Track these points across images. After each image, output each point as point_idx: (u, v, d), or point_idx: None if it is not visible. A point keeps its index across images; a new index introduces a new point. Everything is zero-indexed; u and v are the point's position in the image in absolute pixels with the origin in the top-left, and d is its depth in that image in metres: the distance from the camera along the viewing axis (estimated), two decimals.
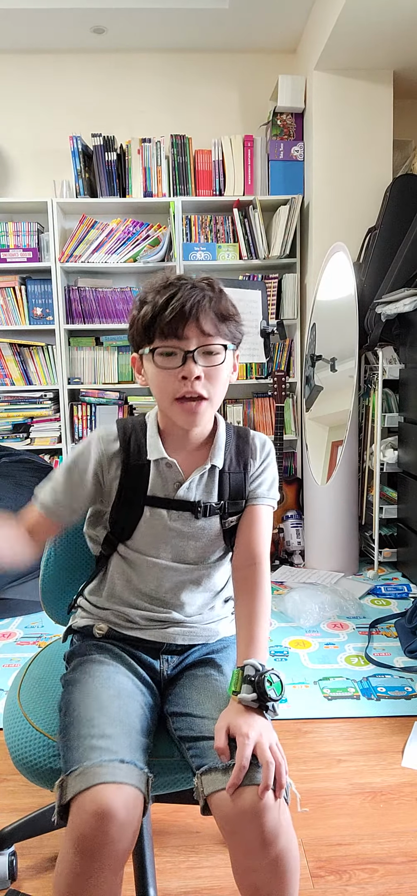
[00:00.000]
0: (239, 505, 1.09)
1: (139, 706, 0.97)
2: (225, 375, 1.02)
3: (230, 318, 1.01)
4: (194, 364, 0.97)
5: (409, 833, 1.39)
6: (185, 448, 1.07)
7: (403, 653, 2.19)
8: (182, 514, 1.06)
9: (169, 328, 0.96)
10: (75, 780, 0.83)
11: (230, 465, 1.09)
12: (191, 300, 0.96)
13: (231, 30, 3.24)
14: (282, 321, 3.31)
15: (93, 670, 0.99)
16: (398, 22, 2.75)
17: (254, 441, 1.13)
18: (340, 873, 1.28)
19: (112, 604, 1.09)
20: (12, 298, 3.30)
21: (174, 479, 1.06)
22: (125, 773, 0.83)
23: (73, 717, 0.92)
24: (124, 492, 1.06)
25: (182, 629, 1.08)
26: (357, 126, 3.21)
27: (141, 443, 1.07)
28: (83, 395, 3.42)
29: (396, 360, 2.98)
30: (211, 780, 0.86)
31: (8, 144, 3.44)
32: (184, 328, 0.96)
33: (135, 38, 3.29)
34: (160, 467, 1.06)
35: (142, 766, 0.87)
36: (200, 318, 0.97)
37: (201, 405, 0.99)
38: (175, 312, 0.95)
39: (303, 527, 3.23)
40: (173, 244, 3.28)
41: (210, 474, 1.08)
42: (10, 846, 1.28)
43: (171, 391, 0.98)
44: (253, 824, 0.81)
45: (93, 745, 0.85)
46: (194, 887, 1.26)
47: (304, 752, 1.67)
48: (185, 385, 0.97)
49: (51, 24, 3.13)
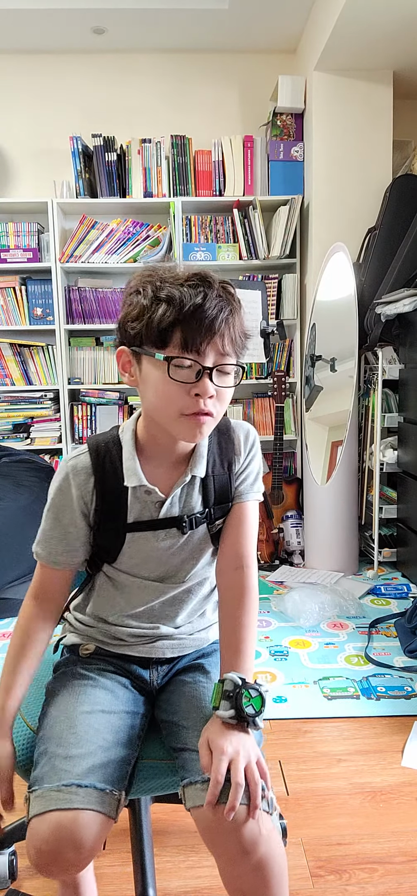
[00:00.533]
0: (225, 507, 1.04)
1: (116, 718, 0.95)
2: (231, 394, 0.95)
3: (246, 339, 0.95)
4: (210, 383, 0.89)
5: (409, 833, 1.39)
6: (166, 462, 1.00)
7: (403, 652, 2.19)
8: (168, 531, 1.00)
9: (191, 341, 0.86)
10: (35, 802, 0.85)
11: (214, 468, 1.02)
12: (220, 316, 0.88)
13: (231, 30, 3.24)
14: (282, 321, 3.31)
15: (72, 685, 0.99)
16: (398, 22, 2.75)
17: (237, 435, 1.06)
18: (340, 873, 1.28)
19: (98, 622, 1.06)
20: (12, 298, 3.30)
21: (155, 500, 0.99)
22: (81, 797, 0.83)
23: (46, 731, 0.93)
24: (102, 520, 0.99)
25: (171, 642, 1.06)
26: (357, 126, 3.21)
27: (116, 466, 0.98)
28: (83, 395, 3.43)
29: (396, 360, 2.98)
30: (192, 795, 0.86)
31: (8, 144, 3.45)
32: (207, 344, 0.88)
33: (135, 38, 3.30)
34: (138, 493, 0.98)
35: (106, 786, 0.86)
36: (224, 337, 0.89)
37: (207, 421, 0.91)
38: (202, 326, 0.86)
39: (303, 527, 3.23)
40: (173, 244, 3.28)
41: (191, 484, 1.01)
42: (10, 846, 1.28)
43: (180, 406, 0.89)
44: (232, 836, 0.81)
45: (54, 766, 0.86)
46: (194, 887, 1.26)
47: (304, 752, 1.67)
48: (198, 403, 0.89)
49: (51, 24, 3.13)
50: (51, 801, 0.83)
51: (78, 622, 1.09)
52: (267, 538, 3.18)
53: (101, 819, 0.84)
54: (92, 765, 0.87)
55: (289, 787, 1.54)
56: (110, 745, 0.91)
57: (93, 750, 0.89)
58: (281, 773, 1.59)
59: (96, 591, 1.07)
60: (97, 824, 0.84)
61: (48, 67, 3.42)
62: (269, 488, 3.26)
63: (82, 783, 0.85)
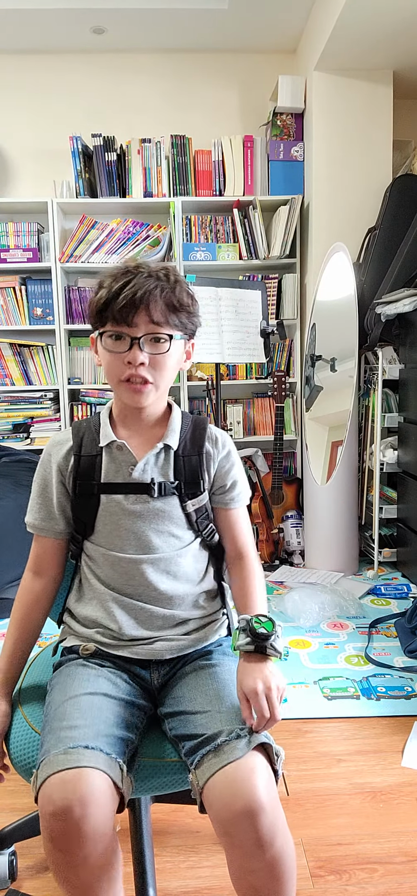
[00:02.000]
0: (196, 486, 1.11)
1: (117, 703, 0.97)
2: (171, 363, 1.05)
3: (182, 308, 1.04)
4: (139, 351, 1.01)
5: (409, 833, 1.39)
6: (138, 430, 1.11)
7: (403, 653, 2.19)
8: (139, 496, 1.07)
9: (120, 314, 1.00)
10: (42, 770, 0.85)
11: (184, 449, 1.11)
12: (142, 289, 0.99)
13: (231, 30, 3.24)
14: (282, 321, 3.31)
15: (74, 674, 1.01)
16: (398, 22, 2.75)
17: (213, 431, 1.15)
18: (340, 873, 1.28)
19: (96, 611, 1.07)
20: (12, 298, 3.30)
21: (128, 462, 1.08)
22: (89, 758, 0.84)
23: (49, 714, 0.95)
24: (79, 484, 1.08)
25: (169, 643, 1.06)
26: (357, 126, 3.21)
27: (93, 435, 1.11)
28: (83, 395, 3.43)
29: (396, 360, 2.98)
30: (205, 769, 0.87)
31: (8, 144, 3.45)
32: (134, 316, 1.00)
33: (135, 38, 3.30)
34: (112, 452, 1.09)
35: (110, 752, 0.87)
36: (150, 307, 1.00)
37: (145, 387, 1.03)
38: (126, 300, 0.99)
39: (303, 527, 3.23)
40: (173, 244, 3.28)
41: (165, 456, 1.10)
42: (10, 846, 1.28)
43: (118, 373, 1.03)
44: (248, 826, 0.81)
45: (60, 736, 0.88)
46: (194, 887, 1.26)
47: (304, 752, 1.67)
48: (130, 369, 1.02)
49: (51, 24, 3.13)
50: (58, 763, 0.84)
51: (76, 622, 1.10)
52: (267, 538, 3.18)
53: (108, 782, 0.84)
54: (96, 733, 0.89)
55: (289, 788, 1.54)
56: (112, 725, 0.93)
57: (97, 724, 0.91)
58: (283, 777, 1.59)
59: (83, 577, 1.11)
60: (104, 786, 0.83)
61: (48, 67, 3.42)
62: (269, 488, 3.26)
63: (89, 745, 0.86)
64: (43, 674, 1.17)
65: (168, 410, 1.15)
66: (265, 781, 0.84)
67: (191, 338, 1.11)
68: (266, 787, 0.84)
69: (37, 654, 1.25)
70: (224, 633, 1.15)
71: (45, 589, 1.11)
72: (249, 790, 0.82)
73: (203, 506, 1.12)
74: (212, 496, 1.15)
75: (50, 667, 1.18)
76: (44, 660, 1.22)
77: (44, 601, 1.12)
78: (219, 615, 1.15)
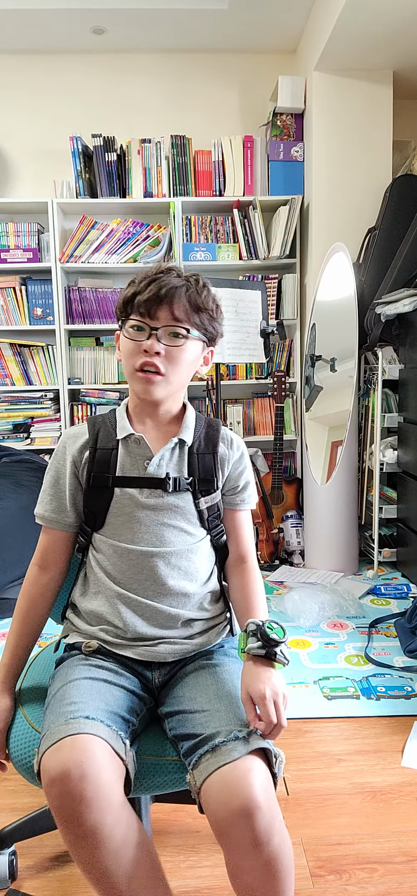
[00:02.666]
0: (209, 483, 1.12)
1: (118, 689, 0.98)
2: (185, 358, 1.07)
3: (204, 310, 1.08)
4: (156, 341, 1.04)
5: (409, 832, 1.39)
6: (154, 425, 1.12)
7: (403, 652, 2.19)
8: (153, 490, 1.08)
9: (145, 307, 1.04)
10: (42, 744, 0.86)
11: (199, 447, 1.13)
12: (169, 286, 1.04)
13: (231, 30, 3.24)
14: (282, 321, 3.31)
15: (76, 664, 1.02)
16: (398, 22, 2.75)
17: (226, 434, 1.18)
18: (340, 873, 1.28)
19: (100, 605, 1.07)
20: (12, 298, 3.30)
21: (143, 456, 1.09)
22: (90, 726, 0.85)
23: (50, 700, 0.96)
24: (93, 477, 1.09)
25: (173, 647, 1.06)
26: (357, 126, 3.21)
27: (109, 430, 1.12)
28: (83, 395, 3.43)
29: (396, 360, 2.99)
30: (202, 769, 0.87)
31: (8, 145, 3.45)
32: (157, 309, 1.04)
33: (135, 38, 3.30)
34: (129, 445, 1.10)
35: (111, 724, 0.88)
36: (174, 304, 1.05)
37: (156, 377, 1.05)
38: (151, 294, 1.04)
39: (303, 527, 3.23)
40: (173, 244, 3.28)
41: (180, 452, 1.11)
42: (10, 846, 1.28)
43: (134, 361, 1.06)
44: (244, 825, 0.81)
45: (61, 712, 0.89)
46: (194, 887, 1.26)
47: (304, 752, 1.67)
48: (144, 357, 1.04)
49: (51, 24, 3.13)
50: (58, 733, 0.85)
51: (80, 619, 1.10)
52: (267, 538, 3.18)
53: (108, 749, 0.84)
54: (96, 707, 0.90)
55: (289, 787, 1.54)
56: (112, 705, 0.94)
57: (97, 702, 0.92)
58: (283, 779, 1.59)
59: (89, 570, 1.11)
60: (104, 752, 0.83)
61: (48, 67, 3.42)
62: (269, 488, 3.26)
63: (89, 715, 0.87)
64: (43, 673, 1.17)
65: (183, 410, 1.17)
66: (262, 781, 0.84)
67: (211, 344, 1.13)
68: (262, 786, 0.84)
69: (37, 654, 1.26)
70: (226, 635, 1.15)
71: (50, 582, 1.12)
72: (246, 790, 0.82)
73: (215, 504, 1.14)
74: (223, 496, 1.16)
75: (50, 666, 1.18)
76: (44, 659, 1.22)
77: (49, 595, 1.13)
78: (222, 618, 1.15)
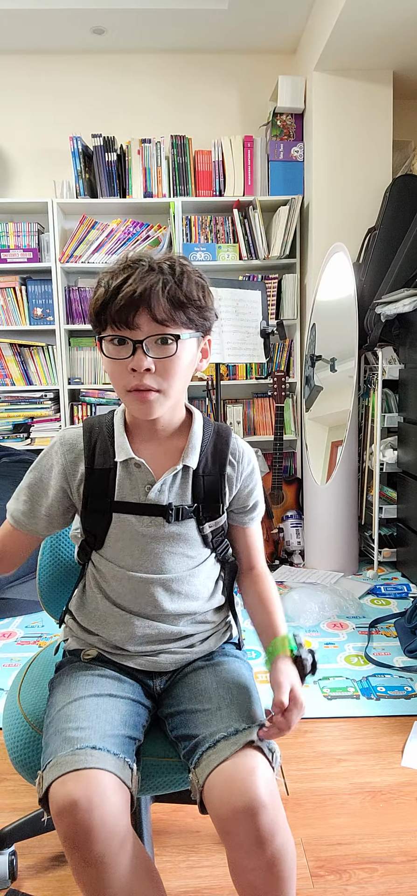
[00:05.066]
0: (214, 509, 1.04)
1: (123, 703, 0.97)
2: (181, 366, 0.93)
3: (190, 303, 0.92)
4: (144, 356, 0.89)
5: (409, 832, 1.39)
6: (155, 442, 1.02)
7: (403, 652, 2.19)
8: (154, 518, 1.00)
9: (119, 316, 0.89)
10: (49, 772, 0.84)
11: (205, 468, 1.02)
12: (143, 284, 0.88)
13: (230, 30, 3.24)
14: (282, 321, 3.31)
15: (78, 675, 0.99)
16: (398, 22, 2.75)
17: (236, 447, 1.06)
18: (340, 873, 1.28)
19: (97, 625, 1.04)
20: (12, 299, 3.30)
21: (144, 481, 1.00)
22: (96, 759, 0.83)
23: (53, 716, 0.93)
24: (90, 499, 1.00)
25: (174, 657, 1.04)
26: (356, 126, 3.21)
27: (107, 445, 1.01)
28: (83, 395, 3.43)
29: (396, 360, 2.98)
30: (204, 766, 0.87)
31: (8, 144, 3.45)
32: (135, 316, 0.89)
33: (135, 38, 3.30)
34: (129, 469, 1.00)
35: (118, 752, 0.87)
36: (152, 305, 0.89)
37: (151, 395, 0.92)
38: (125, 300, 0.88)
39: (303, 527, 3.23)
40: (173, 245, 3.28)
41: (183, 476, 1.02)
42: (10, 846, 1.28)
43: (122, 382, 0.93)
44: (248, 824, 0.81)
45: (67, 738, 0.87)
46: (194, 887, 1.26)
47: (304, 752, 1.67)
48: (135, 378, 0.91)
49: (51, 24, 3.13)
50: (65, 765, 0.83)
51: (78, 626, 1.08)
52: (267, 538, 3.18)
53: (116, 781, 0.84)
54: (103, 734, 0.88)
55: (289, 787, 1.54)
56: (118, 725, 0.92)
57: (103, 726, 0.89)
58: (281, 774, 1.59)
59: (88, 584, 1.07)
60: (113, 785, 0.83)
61: (48, 67, 3.42)
62: (269, 488, 3.26)
63: (96, 745, 0.85)
64: (43, 673, 1.17)
65: (188, 418, 1.05)
66: (266, 780, 0.84)
67: (207, 334, 0.99)
68: (266, 784, 0.84)
69: (37, 654, 1.25)
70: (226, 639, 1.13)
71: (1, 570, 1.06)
72: (250, 788, 0.82)
73: (220, 526, 1.07)
74: (231, 513, 1.09)
75: (49, 666, 1.18)
76: (44, 659, 1.22)
77: None
78: (224, 624, 1.12)
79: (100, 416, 1.06)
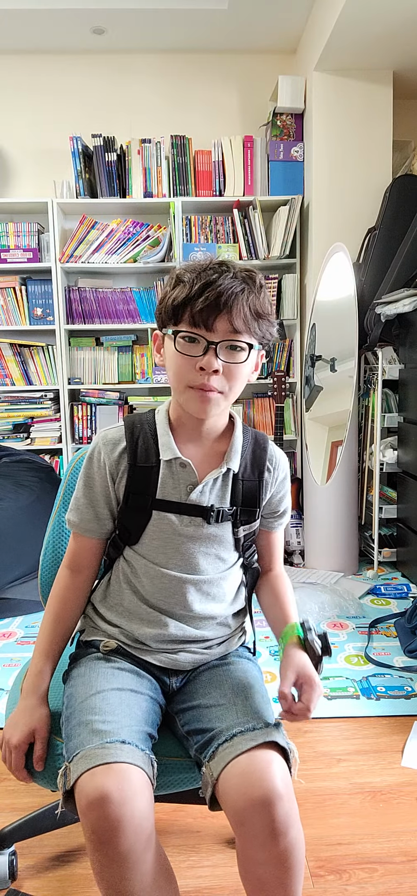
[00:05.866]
0: (251, 514, 1.06)
1: (143, 699, 0.97)
2: (245, 373, 0.97)
3: (264, 316, 0.96)
4: (215, 358, 0.92)
5: (409, 832, 1.39)
6: (198, 443, 1.04)
7: (403, 652, 2.19)
8: (193, 519, 1.01)
9: (200, 316, 0.92)
10: (77, 764, 0.83)
11: (244, 472, 1.05)
12: (228, 292, 0.91)
13: (230, 30, 3.24)
14: (282, 321, 3.31)
15: (99, 667, 0.99)
16: (398, 22, 2.75)
17: (273, 454, 1.10)
18: (340, 873, 1.28)
19: (120, 618, 1.05)
20: (12, 299, 3.30)
21: (187, 481, 1.01)
22: (127, 753, 0.83)
23: (75, 707, 0.93)
24: (131, 496, 1.02)
25: (193, 656, 1.05)
26: (356, 126, 3.21)
27: (149, 443, 1.02)
28: (83, 395, 3.43)
29: (396, 360, 2.99)
30: (220, 759, 0.87)
31: (8, 144, 3.45)
32: (215, 320, 0.92)
33: (135, 38, 3.30)
34: (173, 468, 1.02)
35: (145, 748, 0.87)
36: (233, 313, 0.92)
37: (214, 394, 0.95)
38: (208, 301, 0.91)
39: (303, 527, 3.23)
40: (173, 245, 3.28)
41: (224, 479, 1.04)
42: (10, 846, 1.28)
43: (187, 379, 0.95)
44: (264, 815, 0.81)
45: (94, 730, 0.86)
46: (194, 887, 1.26)
47: (304, 752, 1.67)
48: (202, 377, 0.93)
49: (51, 24, 3.13)
50: (96, 757, 0.82)
51: (100, 618, 1.08)
52: None
53: (146, 779, 0.84)
54: (130, 729, 0.88)
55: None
56: (141, 721, 0.92)
57: (129, 721, 0.90)
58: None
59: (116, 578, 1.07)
60: (143, 784, 0.83)
61: (48, 67, 3.42)
62: None
63: (126, 740, 0.85)
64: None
65: (230, 423, 1.07)
66: (282, 773, 0.85)
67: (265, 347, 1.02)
68: (283, 778, 0.85)
69: None
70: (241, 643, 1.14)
71: (83, 584, 1.07)
72: (267, 780, 0.83)
73: (252, 531, 1.09)
74: (261, 518, 1.10)
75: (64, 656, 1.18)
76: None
77: (81, 596, 1.07)
78: (240, 629, 1.14)
79: (140, 414, 1.08)
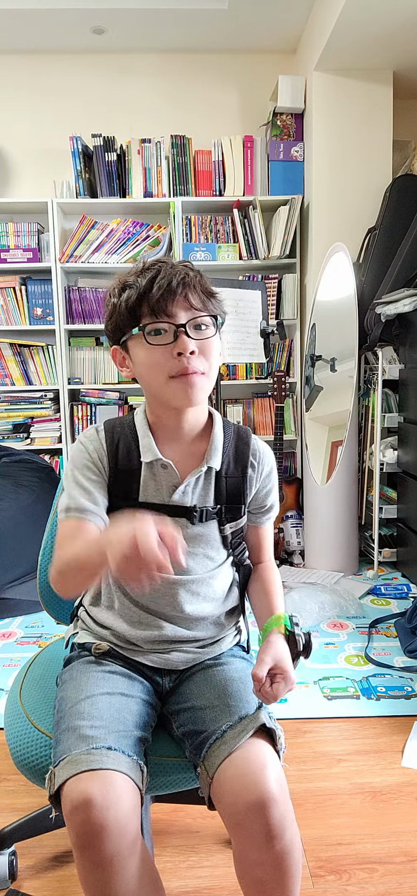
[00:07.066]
0: (237, 511, 1.06)
1: (134, 702, 0.97)
2: (216, 352, 0.99)
3: (214, 294, 1.00)
4: (188, 338, 0.94)
5: (409, 833, 1.39)
6: (179, 443, 1.03)
7: (403, 652, 2.19)
8: (177, 520, 1.01)
9: (158, 305, 0.94)
10: (63, 769, 0.83)
11: (227, 469, 1.04)
12: (177, 276, 0.94)
13: (230, 30, 3.24)
14: (282, 321, 3.31)
15: (90, 671, 0.99)
16: (398, 22, 2.75)
17: (257, 448, 1.09)
18: (340, 873, 1.28)
19: (111, 621, 1.04)
20: (12, 298, 3.30)
21: (169, 483, 1.01)
22: (112, 760, 0.83)
23: (65, 711, 0.93)
24: (113, 499, 1.01)
25: (185, 655, 1.05)
26: (356, 126, 3.21)
27: (130, 446, 1.02)
28: (83, 395, 3.43)
29: (396, 360, 2.98)
30: (213, 759, 0.87)
31: (8, 144, 3.45)
32: (173, 304, 0.94)
33: (135, 38, 3.30)
34: (154, 469, 1.01)
35: (132, 754, 0.87)
36: (188, 294, 0.95)
37: (197, 377, 0.95)
38: (162, 290, 0.93)
39: (303, 527, 3.23)
40: (173, 244, 3.28)
41: (206, 477, 1.03)
42: (10, 846, 1.28)
43: (167, 369, 0.94)
44: (259, 818, 0.82)
45: (81, 735, 0.86)
46: (194, 887, 1.26)
47: (304, 752, 1.67)
48: (182, 361, 0.94)
49: (51, 24, 3.13)
50: (81, 763, 0.82)
51: (92, 620, 1.08)
52: None
53: (131, 785, 0.84)
54: (117, 734, 0.88)
55: (289, 788, 1.53)
56: (130, 726, 0.92)
57: (117, 726, 0.89)
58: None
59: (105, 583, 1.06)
60: (127, 787, 0.83)
61: (48, 67, 3.42)
62: None
63: (112, 746, 0.85)
64: (44, 672, 1.17)
65: (209, 420, 1.07)
66: (276, 774, 0.85)
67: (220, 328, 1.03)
68: (277, 779, 0.85)
69: (38, 654, 1.25)
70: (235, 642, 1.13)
71: None
72: (261, 782, 0.83)
73: (240, 528, 1.09)
74: (247, 512, 1.10)
75: (51, 666, 1.18)
76: (46, 658, 1.22)
77: None
78: (235, 628, 1.14)
79: (120, 417, 1.07)
